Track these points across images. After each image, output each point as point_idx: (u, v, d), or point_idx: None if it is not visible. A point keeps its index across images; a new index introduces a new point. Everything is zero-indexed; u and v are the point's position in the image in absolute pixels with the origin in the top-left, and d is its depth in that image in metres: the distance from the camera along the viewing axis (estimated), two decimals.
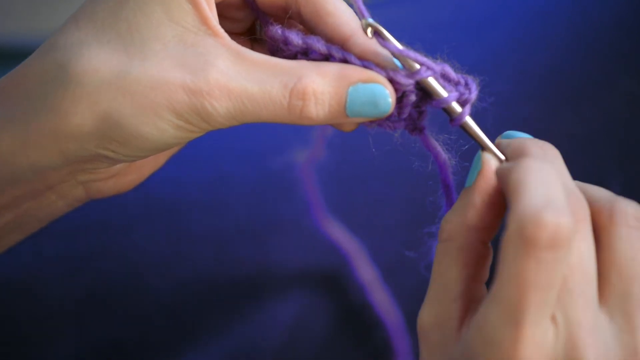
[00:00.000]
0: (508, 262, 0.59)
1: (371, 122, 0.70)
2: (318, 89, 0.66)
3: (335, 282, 0.95)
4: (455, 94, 0.68)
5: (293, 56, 0.71)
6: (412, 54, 0.67)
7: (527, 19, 1.03)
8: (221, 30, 0.67)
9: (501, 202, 0.66)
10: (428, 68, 0.67)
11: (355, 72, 0.67)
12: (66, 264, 0.96)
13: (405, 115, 0.69)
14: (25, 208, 0.74)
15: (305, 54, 0.70)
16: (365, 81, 0.67)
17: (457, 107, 0.68)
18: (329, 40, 0.70)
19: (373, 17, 0.68)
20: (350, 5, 0.71)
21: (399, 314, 0.94)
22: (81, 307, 0.95)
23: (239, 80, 0.66)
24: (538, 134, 0.96)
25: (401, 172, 0.83)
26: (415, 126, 0.70)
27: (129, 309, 0.95)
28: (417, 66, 0.67)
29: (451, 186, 0.71)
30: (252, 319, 0.95)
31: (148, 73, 0.65)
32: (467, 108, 0.69)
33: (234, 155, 1.01)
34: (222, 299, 0.96)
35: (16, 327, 0.94)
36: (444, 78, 0.69)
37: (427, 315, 0.66)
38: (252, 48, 0.75)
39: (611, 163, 0.96)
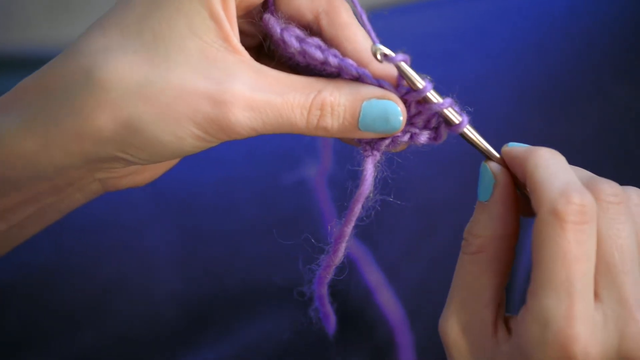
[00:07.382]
0: (547, 242, 0.63)
1: (382, 138, 0.72)
2: (335, 101, 0.69)
3: (343, 282, 0.97)
4: (449, 100, 0.71)
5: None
6: (416, 75, 0.69)
7: (523, 29, 1.06)
8: (242, 48, 0.69)
9: (518, 205, 0.70)
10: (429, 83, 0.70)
11: (370, 88, 0.70)
12: (84, 259, 0.98)
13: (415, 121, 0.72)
14: (46, 202, 0.76)
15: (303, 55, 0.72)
16: (379, 98, 0.70)
17: (454, 116, 0.71)
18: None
19: (373, 27, 0.71)
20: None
21: (402, 310, 0.97)
22: (98, 300, 0.97)
23: (263, 92, 0.68)
24: (533, 140, 0.98)
25: (406, 179, 0.85)
26: (435, 135, 0.73)
27: (143, 304, 0.97)
28: (419, 85, 0.70)
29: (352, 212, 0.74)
30: (261, 313, 0.97)
31: (172, 83, 0.67)
32: (465, 118, 0.71)
33: (244, 156, 1.03)
34: (232, 296, 0.98)
35: (37, 319, 0.97)
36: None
37: (454, 324, 0.68)
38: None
39: (605, 168, 0.97)
